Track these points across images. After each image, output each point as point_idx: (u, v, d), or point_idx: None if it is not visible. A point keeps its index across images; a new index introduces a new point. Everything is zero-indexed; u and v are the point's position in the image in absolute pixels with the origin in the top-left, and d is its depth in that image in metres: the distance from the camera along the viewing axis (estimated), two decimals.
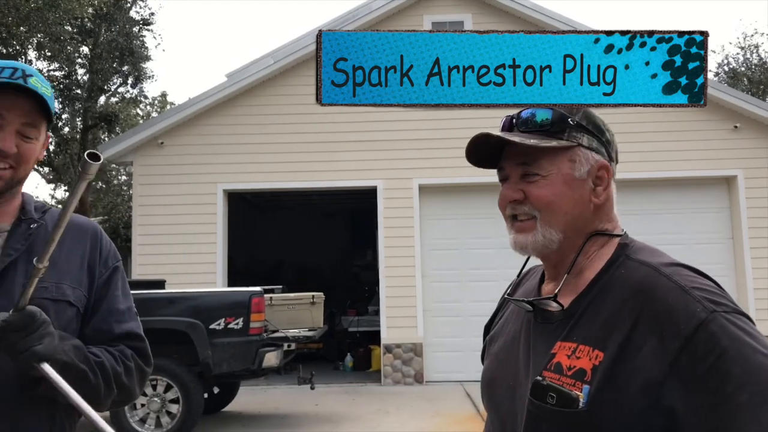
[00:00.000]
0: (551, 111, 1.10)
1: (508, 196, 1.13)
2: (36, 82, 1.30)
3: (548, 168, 1.10)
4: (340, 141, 9.57)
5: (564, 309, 1.07)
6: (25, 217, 1.38)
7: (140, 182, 9.90)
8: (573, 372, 1.00)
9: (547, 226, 1.10)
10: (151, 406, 6.08)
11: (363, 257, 14.17)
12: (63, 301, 1.36)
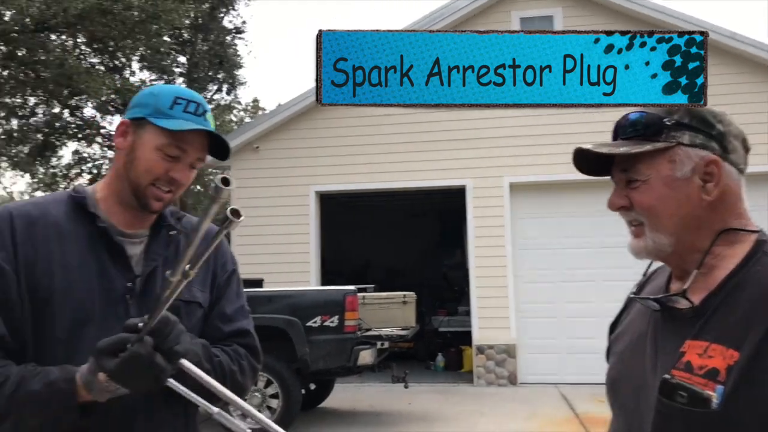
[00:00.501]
0: (644, 114, 1.10)
1: (614, 204, 1.15)
2: (210, 118, 1.41)
3: (647, 172, 1.10)
4: (429, 141, 9.58)
5: (694, 307, 1.05)
6: (163, 224, 1.45)
7: (238, 185, 10.25)
8: (705, 371, 0.97)
9: (654, 230, 1.10)
10: (251, 400, 6.30)
11: (451, 257, 14.10)
12: (193, 303, 1.43)
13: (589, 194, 8.76)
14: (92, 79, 10.01)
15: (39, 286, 1.27)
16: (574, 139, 8.07)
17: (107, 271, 1.33)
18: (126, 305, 1.32)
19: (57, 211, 1.35)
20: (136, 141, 1.37)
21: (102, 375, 1.15)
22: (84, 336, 1.25)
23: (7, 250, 1.27)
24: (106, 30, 10.30)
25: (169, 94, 1.39)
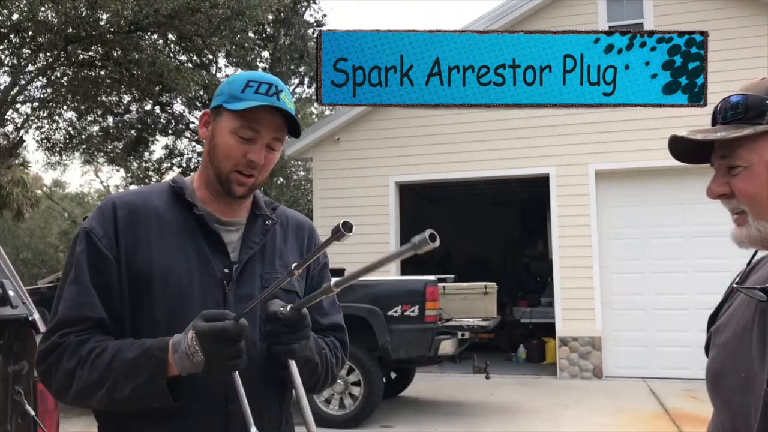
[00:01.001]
0: (745, 96, 1.05)
1: (713, 192, 1.11)
2: (285, 98, 1.40)
3: (748, 158, 1.05)
4: (511, 128, 9.42)
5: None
6: (259, 213, 1.48)
7: (319, 176, 10.47)
8: None
9: (759, 218, 1.05)
10: (335, 387, 6.42)
11: (533, 247, 13.84)
12: (292, 292, 1.46)
13: (680, 181, 8.37)
14: (181, 77, 10.42)
15: (140, 270, 1.32)
16: (664, 123, 7.75)
17: (206, 257, 1.37)
18: (224, 290, 1.36)
19: (158, 200, 1.40)
20: (215, 129, 1.41)
21: (191, 334, 1.20)
22: (183, 319, 1.29)
23: (109, 237, 1.33)
24: (194, 28, 10.68)
25: (243, 78, 1.40)
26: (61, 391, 1.29)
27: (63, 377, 1.26)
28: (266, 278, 1.42)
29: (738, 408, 1.05)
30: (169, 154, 16.80)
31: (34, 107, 12.42)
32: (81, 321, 1.28)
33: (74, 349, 1.27)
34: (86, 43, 10.50)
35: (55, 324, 1.29)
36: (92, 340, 1.28)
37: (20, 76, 11.47)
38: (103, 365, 1.24)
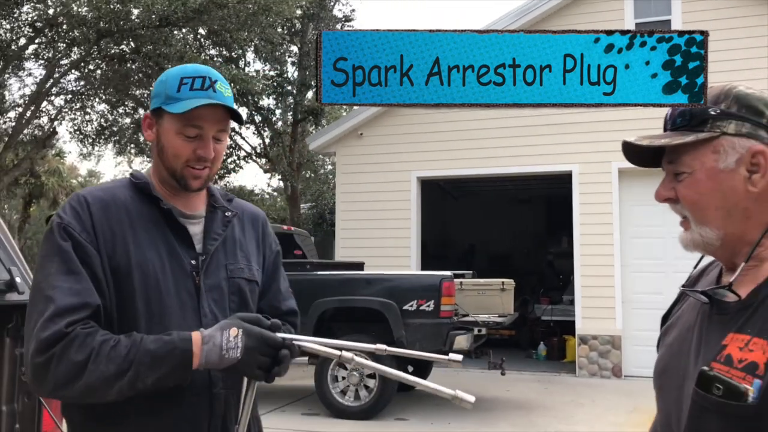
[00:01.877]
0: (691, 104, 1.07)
1: (660, 195, 1.13)
2: (221, 87, 1.43)
3: (691, 164, 1.07)
4: (533, 125, 9.39)
5: (740, 300, 1.02)
6: (217, 205, 1.54)
7: (342, 171, 10.57)
8: (744, 365, 0.95)
9: (700, 224, 1.08)
10: (350, 379, 6.52)
11: (558, 245, 13.76)
12: (253, 281, 1.55)
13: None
14: None
15: (120, 264, 1.36)
16: None
17: (174, 249, 1.43)
18: (194, 281, 1.43)
19: (124, 196, 1.44)
20: (159, 131, 1.44)
21: (234, 330, 1.28)
22: (161, 310, 1.38)
23: (88, 232, 1.36)
24: (222, 23, 10.84)
25: (175, 76, 1.42)
26: (63, 385, 1.25)
27: (68, 370, 1.24)
28: (230, 268, 1.49)
29: (673, 405, 1.08)
30: None
31: (67, 99, 12.75)
32: (82, 307, 1.28)
33: (82, 342, 1.25)
34: (117, 37, 10.75)
35: (55, 312, 1.26)
36: (99, 333, 1.28)
37: (55, 70, 11.79)
38: (120, 357, 1.25)
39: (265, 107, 16.77)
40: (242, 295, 1.51)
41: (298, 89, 16.48)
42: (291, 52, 17.04)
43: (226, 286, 1.48)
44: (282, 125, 17.90)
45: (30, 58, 12.11)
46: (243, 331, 1.29)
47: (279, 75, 16.57)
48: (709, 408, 0.97)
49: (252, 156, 17.67)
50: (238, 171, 17.72)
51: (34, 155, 12.35)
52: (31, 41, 11.51)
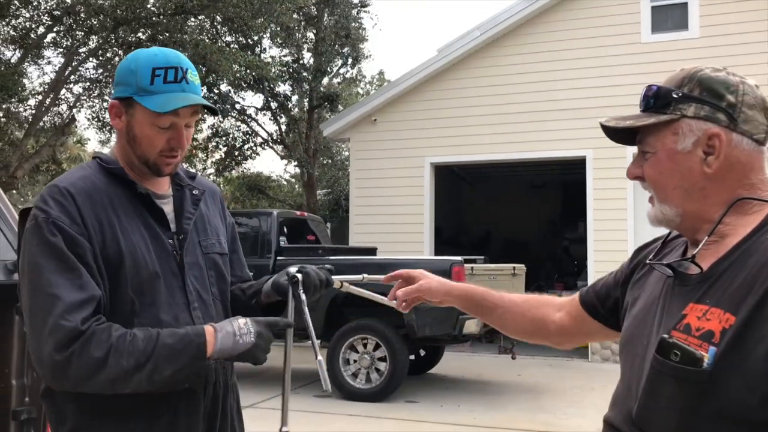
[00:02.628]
0: (657, 87, 1.13)
1: (630, 173, 1.19)
2: (192, 78, 1.45)
3: (655, 144, 1.14)
4: (547, 110, 9.36)
5: (702, 272, 1.08)
6: (183, 183, 1.57)
7: (356, 157, 10.63)
8: (701, 333, 1.01)
9: (660, 202, 1.15)
10: (361, 362, 6.62)
11: (574, 230, 13.72)
12: (225, 254, 1.63)
13: None
14: (224, 58, 10.68)
15: (111, 251, 1.38)
16: None
17: (156, 231, 1.46)
18: (176, 260, 1.49)
19: (101, 182, 1.44)
20: (130, 121, 1.44)
21: (242, 320, 1.38)
22: (153, 292, 1.43)
23: (78, 224, 1.35)
24: (237, 10, 10.91)
25: (147, 66, 1.42)
26: (84, 380, 1.28)
27: (90, 366, 1.26)
28: (204, 245, 1.56)
29: (635, 371, 1.14)
30: (214, 134, 17.22)
31: (86, 87, 12.92)
32: (89, 300, 1.30)
33: (100, 338, 1.28)
34: (134, 25, 10.86)
35: (66, 309, 1.27)
36: (113, 327, 1.31)
37: (73, 58, 11.95)
38: (138, 352, 1.29)
39: (281, 93, 16.85)
40: (218, 269, 1.58)
41: (313, 75, 16.52)
42: (307, 38, 17.07)
43: (203, 262, 1.54)
44: (298, 111, 17.98)
45: (49, 47, 12.29)
46: (251, 320, 1.40)
47: (295, 61, 16.62)
48: (667, 373, 1.02)
49: (268, 142, 17.79)
50: (254, 158, 17.86)
51: (53, 142, 12.56)
52: (49, 30, 11.68)
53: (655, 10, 9.19)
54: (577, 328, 1.45)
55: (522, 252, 12.73)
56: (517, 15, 9.62)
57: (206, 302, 1.52)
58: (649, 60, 8.87)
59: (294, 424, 1.50)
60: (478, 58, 9.94)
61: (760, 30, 8.56)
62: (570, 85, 9.18)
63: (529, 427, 5.59)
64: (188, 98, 1.43)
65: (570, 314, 1.46)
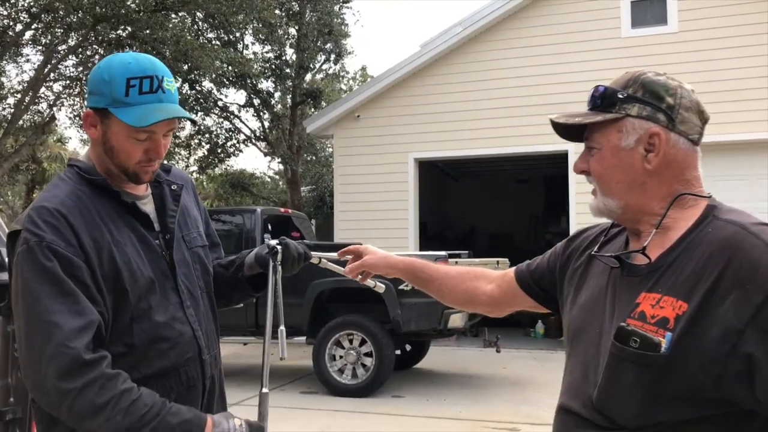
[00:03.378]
0: (605, 87, 1.21)
1: (577, 167, 1.27)
2: (169, 85, 1.43)
3: (600, 141, 1.21)
4: (529, 105, 9.42)
5: (651, 263, 1.16)
6: (160, 180, 1.57)
7: (340, 153, 10.63)
8: (656, 320, 1.08)
9: (603, 195, 1.23)
10: (347, 358, 6.64)
11: (557, 224, 13.83)
12: (206, 246, 1.66)
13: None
14: (205, 55, 10.62)
15: (109, 267, 1.36)
16: None
17: (143, 235, 1.47)
18: (165, 260, 1.50)
19: (85, 195, 1.41)
20: (106, 132, 1.42)
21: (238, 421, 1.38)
22: (150, 296, 1.43)
23: (73, 246, 1.32)
24: (218, 6, 10.83)
25: (121, 77, 1.38)
26: (77, 419, 1.27)
27: (86, 410, 1.26)
28: (187, 239, 1.58)
29: (591, 359, 1.19)
30: (197, 131, 17.11)
31: (66, 85, 12.78)
32: (88, 326, 1.29)
33: (104, 384, 1.26)
34: (114, 22, 10.74)
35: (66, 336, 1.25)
36: (121, 378, 1.30)
37: (52, 55, 11.80)
38: (137, 415, 1.27)
39: (264, 90, 16.77)
40: (202, 262, 1.61)
41: (296, 72, 16.46)
42: (289, 34, 16.99)
43: (189, 257, 1.56)
44: (281, 108, 17.91)
45: (27, 44, 12.13)
46: (246, 422, 1.40)
47: (277, 57, 16.55)
48: (626, 359, 1.09)
49: (251, 139, 17.70)
50: (237, 155, 17.76)
51: (33, 141, 12.41)
52: (28, 27, 11.52)
53: (634, 5, 9.27)
54: (507, 300, 1.58)
55: (507, 246, 12.81)
56: (498, 10, 9.67)
57: (196, 298, 1.55)
58: (630, 54, 8.95)
59: (280, 420, 1.53)
60: (460, 53, 9.97)
61: (738, 24, 8.67)
62: (552, 79, 9.24)
63: (514, 419, 5.64)
64: (166, 110, 1.40)
65: (501, 288, 1.59)
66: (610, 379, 1.12)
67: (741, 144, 8.65)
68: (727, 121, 8.52)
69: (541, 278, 1.49)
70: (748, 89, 8.54)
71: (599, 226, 1.41)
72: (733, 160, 8.72)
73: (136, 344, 1.40)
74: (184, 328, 1.49)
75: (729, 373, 1.01)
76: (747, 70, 8.56)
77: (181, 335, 1.47)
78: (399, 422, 5.65)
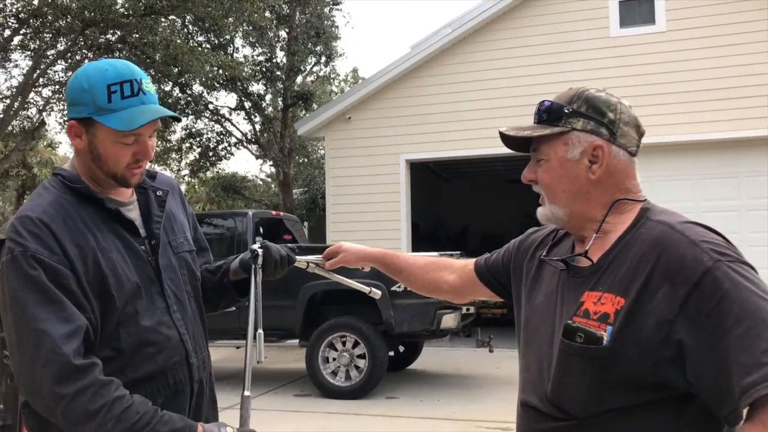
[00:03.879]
0: (551, 102, 1.28)
1: (525, 177, 1.34)
2: (148, 87, 1.45)
3: (548, 153, 1.29)
4: (519, 105, 9.43)
5: (593, 264, 1.25)
6: (146, 186, 1.58)
7: (331, 155, 10.63)
8: (598, 316, 1.18)
9: (551, 203, 1.31)
10: (340, 360, 6.64)
11: None
12: (193, 251, 1.67)
13: (689, 157, 8.40)
14: (195, 58, 10.60)
15: (94, 274, 1.38)
16: (664, 99, 7.82)
17: (129, 241, 1.48)
18: (151, 265, 1.51)
19: (69, 204, 1.43)
20: (92, 140, 1.43)
21: (229, 429, 1.39)
22: (136, 301, 1.45)
23: (57, 254, 1.34)
24: (207, 10, 10.82)
25: (101, 84, 1.40)
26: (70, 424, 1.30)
27: (78, 415, 1.28)
28: (174, 245, 1.59)
29: (545, 356, 1.28)
30: (188, 135, 17.08)
31: (55, 90, 12.73)
32: (76, 332, 1.30)
33: (97, 391, 1.28)
34: (103, 27, 10.71)
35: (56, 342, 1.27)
36: (114, 385, 1.32)
37: (41, 60, 11.76)
38: (129, 423, 1.29)
39: (255, 93, 16.75)
40: (189, 266, 1.62)
41: (287, 74, 16.45)
42: (279, 36, 16.99)
43: (176, 262, 1.58)
44: (272, 111, 17.89)
45: (16, 49, 12.08)
46: (238, 430, 1.42)
47: (268, 60, 16.53)
48: (573, 353, 1.18)
49: (243, 142, 17.68)
50: (229, 158, 17.75)
51: (23, 147, 12.35)
52: (16, 32, 11.47)
53: (623, 5, 9.32)
54: (467, 289, 1.72)
55: (499, 246, 12.73)
56: (488, 11, 9.70)
57: (183, 302, 1.56)
58: (618, 54, 9.01)
59: (274, 423, 1.55)
60: (450, 54, 10.00)
61: (725, 24, 8.73)
62: (541, 79, 9.27)
63: (508, 419, 5.65)
64: (151, 111, 1.42)
65: (462, 278, 1.72)
66: (560, 374, 1.21)
67: (729, 142, 8.70)
68: (715, 120, 8.58)
69: (496, 272, 1.61)
70: (735, 87, 8.59)
71: (548, 227, 1.48)
72: (722, 157, 8.78)
73: (124, 349, 1.42)
74: (171, 332, 1.50)
75: (663, 360, 1.10)
76: (734, 69, 8.62)
77: (168, 339, 1.49)
78: (393, 423, 5.66)
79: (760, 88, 8.48)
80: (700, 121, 8.63)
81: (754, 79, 8.52)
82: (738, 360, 1.01)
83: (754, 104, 8.48)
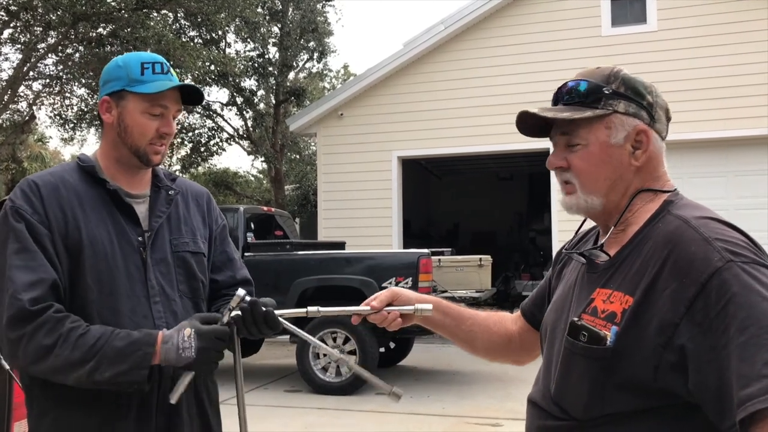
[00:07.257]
0: (587, 82, 1.18)
1: (553, 164, 1.23)
2: (174, 73, 1.58)
3: (586, 137, 1.18)
4: (511, 103, 9.45)
5: (609, 259, 1.18)
6: (161, 185, 1.64)
7: (323, 152, 10.62)
8: (606, 315, 1.11)
9: (587, 192, 1.20)
10: (331, 356, 6.63)
11: (540, 221, 13.94)
12: (199, 253, 1.66)
13: (680, 155, 8.47)
14: (187, 54, 10.55)
15: (72, 241, 1.46)
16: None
17: (121, 227, 1.53)
18: (141, 256, 1.54)
19: (72, 178, 1.53)
20: (122, 112, 1.54)
21: (187, 331, 1.39)
22: (111, 283, 1.48)
23: (39, 213, 1.45)
24: (199, 5, 10.78)
25: (135, 61, 1.54)
26: (32, 363, 1.37)
27: (37, 352, 1.35)
28: (175, 243, 1.60)
29: (554, 354, 1.22)
30: (180, 129, 17.02)
31: (45, 84, 12.64)
32: (38, 282, 1.38)
33: (52, 327, 1.35)
34: (94, 21, 10.65)
35: (15, 290, 1.36)
36: (69, 319, 1.38)
37: (32, 54, 11.67)
38: (86, 346, 1.34)
39: (247, 89, 16.70)
40: (187, 266, 1.61)
41: (279, 70, 16.41)
42: (272, 32, 16.94)
43: (172, 259, 1.58)
44: (264, 106, 17.84)
45: (6, 43, 11.99)
46: (195, 332, 1.40)
47: (260, 56, 16.48)
48: (577, 352, 1.13)
49: (235, 138, 17.62)
50: (221, 153, 17.67)
51: (13, 140, 12.27)
52: (6, 25, 11.38)
53: (614, 4, 9.37)
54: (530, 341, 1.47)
55: (490, 244, 12.89)
56: (480, 9, 9.72)
57: (170, 297, 1.56)
58: (610, 53, 9.04)
59: (264, 418, 1.54)
60: (443, 51, 10.01)
61: (716, 23, 8.79)
62: (533, 77, 9.30)
63: (498, 415, 5.69)
64: (177, 83, 1.54)
65: (521, 327, 1.50)
66: (563, 373, 1.16)
67: (719, 141, 8.77)
68: (705, 119, 8.64)
69: (542, 304, 1.43)
70: (726, 87, 8.65)
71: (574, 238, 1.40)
72: (714, 157, 8.84)
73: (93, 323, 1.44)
74: (146, 322, 1.50)
75: (665, 365, 1.03)
76: (725, 68, 8.68)
77: (138, 327, 1.47)
78: (383, 419, 5.68)
79: (751, 87, 8.55)
80: (690, 120, 8.68)
81: (745, 79, 8.59)
82: (739, 370, 0.94)
83: (745, 104, 8.54)
